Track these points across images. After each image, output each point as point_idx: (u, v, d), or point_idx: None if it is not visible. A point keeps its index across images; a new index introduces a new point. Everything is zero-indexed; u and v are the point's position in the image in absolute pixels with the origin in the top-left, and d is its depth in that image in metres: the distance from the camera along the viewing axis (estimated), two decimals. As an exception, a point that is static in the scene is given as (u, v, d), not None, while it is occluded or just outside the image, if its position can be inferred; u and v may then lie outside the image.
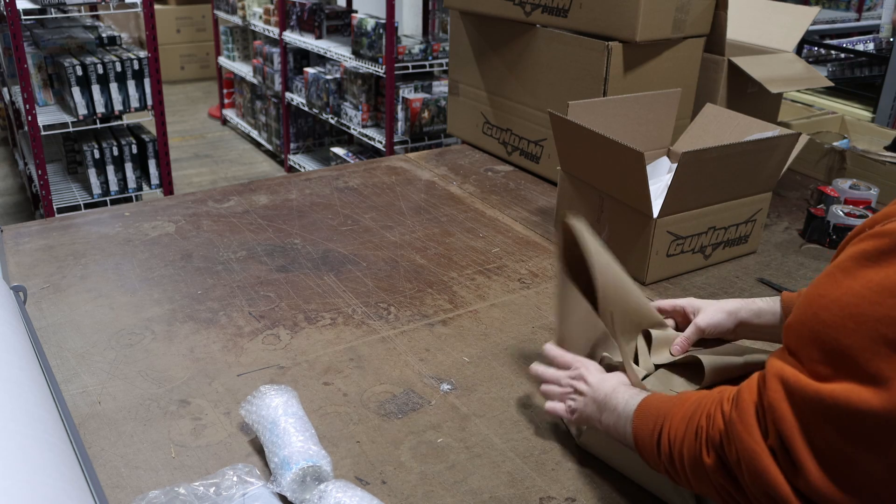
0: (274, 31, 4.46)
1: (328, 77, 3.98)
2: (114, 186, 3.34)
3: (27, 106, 2.97)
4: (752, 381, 0.72)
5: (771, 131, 1.55)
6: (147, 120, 3.39)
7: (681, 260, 1.50)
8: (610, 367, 1.01)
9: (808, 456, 0.63)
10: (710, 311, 1.06)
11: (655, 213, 1.40)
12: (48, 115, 3.16)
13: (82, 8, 3.62)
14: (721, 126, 1.63)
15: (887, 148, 2.04)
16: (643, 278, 1.47)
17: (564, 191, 1.66)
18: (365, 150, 4.12)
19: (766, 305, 1.05)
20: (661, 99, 1.69)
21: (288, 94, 4.44)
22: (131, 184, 3.38)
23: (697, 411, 0.76)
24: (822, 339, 0.63)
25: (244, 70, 5.06)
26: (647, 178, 1.35)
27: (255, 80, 4.88)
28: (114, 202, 3.33)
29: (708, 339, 1.08)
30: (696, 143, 1.65)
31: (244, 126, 5.31)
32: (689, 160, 1.35)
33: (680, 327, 1.10)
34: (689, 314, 1.08)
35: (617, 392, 0.92)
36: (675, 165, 1.54)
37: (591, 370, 0.98)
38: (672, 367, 1.03)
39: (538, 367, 1.04)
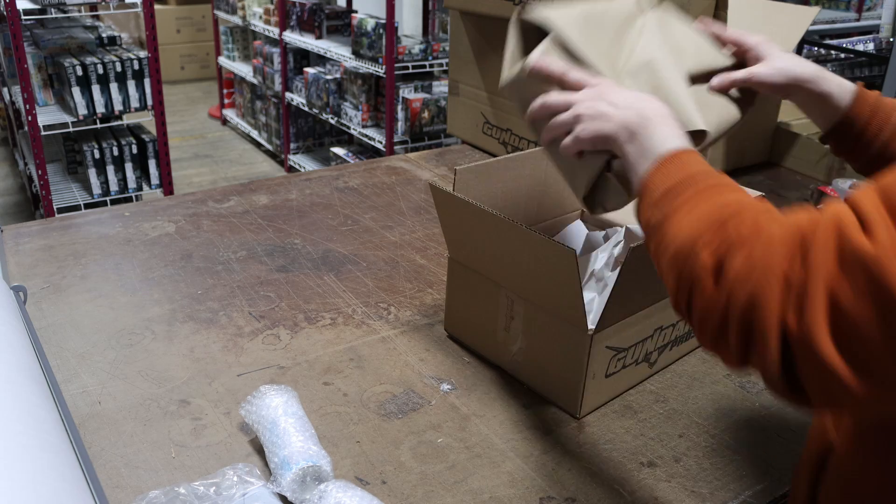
0: (274, 31, 4.46)
1: (328, 77, 3.99)
2: (114, 186, 3.35)
3: (27, 106, 2.98)
4: (806, 210, 0.63)
5: None
6: (147, 120, 3.39)
7: (622, 377, 1.15)
8: None
9: (822, 299, 0.55)
10: (773, 64, 0.96)
11: (591, 326, 1.04)
12: (48, 115, 3.16)
13: (82, 8, 3.62)
14: None
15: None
16: (576, 411, 1.10)
17: (457, 287, 1.24)
18: (365, 150, 4.12)
19: (836, 90, 0.95)
20: None
21: (288, 94, 4.44)
22: (131, 184, 3.38)
23: (729, 206, 0.66)
24: (891, 196, 0.55)
25: (244, 70, 5.07)
26: (579, 282, 1.00)
27: (255, 80, 4.88)
28: (114, 202, 3.33)
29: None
30: None
31: (244, 126, 5.31)
32: (640, 254, 1.00)
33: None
34: (750, 58, 0.99)
35: (657, 121, 0.77)
36: (597, 235, 1.33)
37: (616, 87, 0.81)
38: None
39: (539, 101, 0.83)
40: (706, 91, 0.98)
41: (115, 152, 3.29)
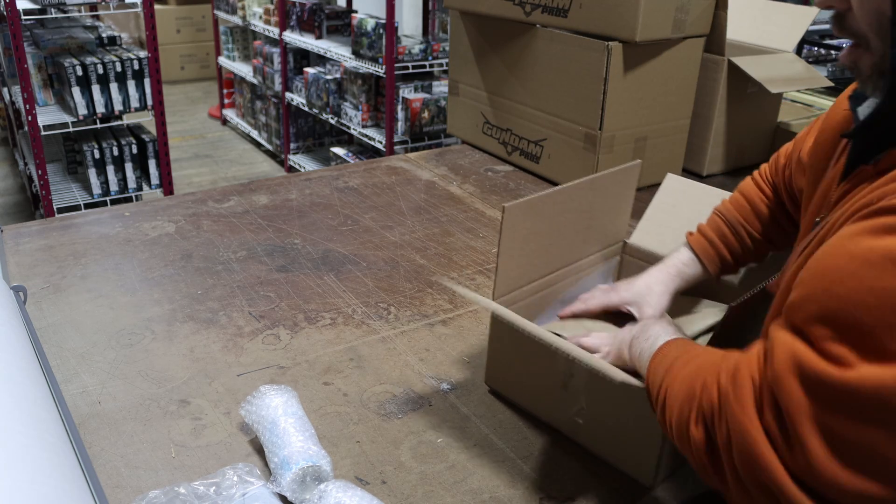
0: (274, 31, 4.46)
1: (328, 77, 3.98)
2: (114, 186, 3.34)
3: (27, 106, 2.97)
4: (751, 354, 0.68)
5: None
6: (147, 120, 3.39)
7: None
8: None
9: (816, 438, 0.58)
10: (655, 306, 1.09)
11: None
12: (48, 115, 3.16)
13: (82, 8, 3.62)
14: (690, 203, 1.30)
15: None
16: (649, 480, 0.97)
17: (502, 340, 1.11)
18: (365, 150, 4.12)
19: (689, 270, 1.11)
20: (619, 177, 1.26)
21: (288, 94, 4.44)
22: (131, 184, 3.38)
23: (697, 376, 0.72)
24: (837, 315, 0.58)
25: (244, 70, 5.06)
26: None
27: (255, 80, 4.88)
28: (114, 202, 3.33)
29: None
30: (662, 229, 1.30)
31: (244, 126, 5.31)
32: (732, 315, 0.92)
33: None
34: (633, 313, 1.10)
35: (651, 324, 0.92)
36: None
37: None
38: None
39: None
40: None
41: (115, 152, 3.29)
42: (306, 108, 4.25)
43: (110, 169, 3.31)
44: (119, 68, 3.12)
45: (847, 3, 0.70)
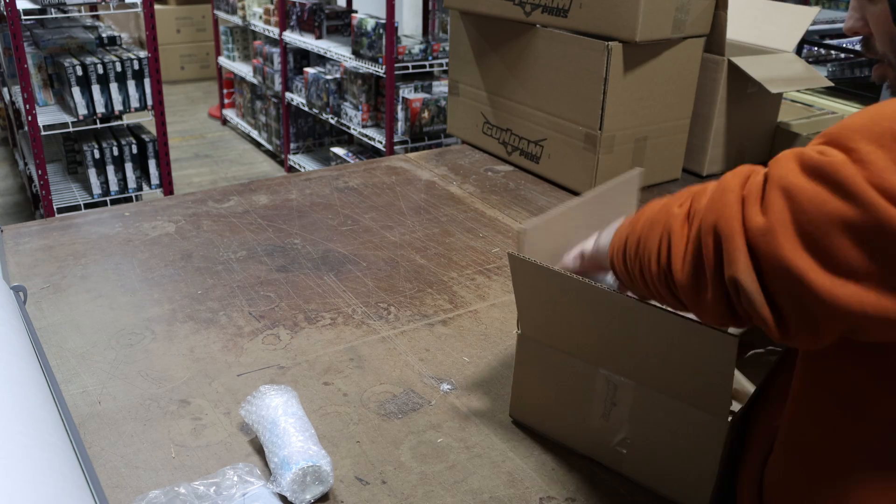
0: (274, 31, 4.46)
1: (328, 77, 3.98)
2: (114, 186, 3.34)
3: (27, 106, 2.97)
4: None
5: None
6: (147, 120, 3.39)
7: None
8: None
9: (784, 208, 0.59)
10: None
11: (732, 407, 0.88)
12: (48, 115, 3.16)
13: (82, 8, 3.62)
14: None
15: None
16: None
17: (530, 369, 1.04)
18: (365, 150, 4.12)
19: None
20: (623, 188, 1.25)
21: (288, 94, 4.44)
22: (131, 184, 3.38)
23: (667, 203, 0.75)
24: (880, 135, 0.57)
25: (244, 70, 5.06)
26: (732, 370, 0.83)
27: (255, 80, 4.88)
28: (114, 202, 3.33)
29: None
30: None
31: (244, 126, 5.31)
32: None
33: None
34: None
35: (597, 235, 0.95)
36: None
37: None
38: None
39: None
40: None
41: (115, 152, 3.29)
42: (306, 108, 4.25)
43: (110, 169, 3.31)
44: (119, 68, 3.12)
45: (869, 28, 0.81)
